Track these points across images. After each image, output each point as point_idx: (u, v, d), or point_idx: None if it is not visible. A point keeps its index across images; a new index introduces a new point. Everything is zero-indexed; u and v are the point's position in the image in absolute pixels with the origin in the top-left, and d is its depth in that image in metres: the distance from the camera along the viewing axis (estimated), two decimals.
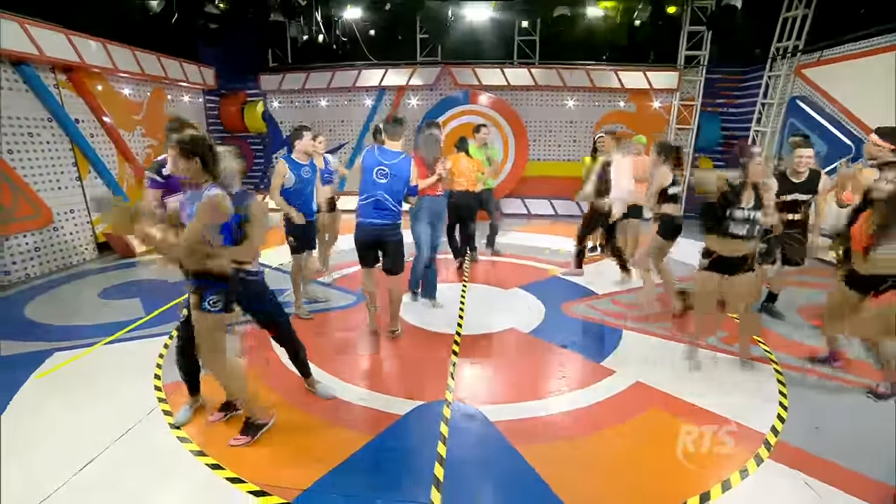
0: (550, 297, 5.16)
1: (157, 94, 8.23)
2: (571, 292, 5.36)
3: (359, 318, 4.69)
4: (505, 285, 5.55)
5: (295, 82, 10.04)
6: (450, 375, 3.60)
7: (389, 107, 10.16)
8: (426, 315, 4.69)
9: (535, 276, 5.92)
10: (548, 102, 9.90)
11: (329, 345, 4.14)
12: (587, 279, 5.79)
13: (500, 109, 9.65)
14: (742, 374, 3.67)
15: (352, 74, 9.86)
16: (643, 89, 9.47)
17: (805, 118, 7.56)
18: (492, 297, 5.23)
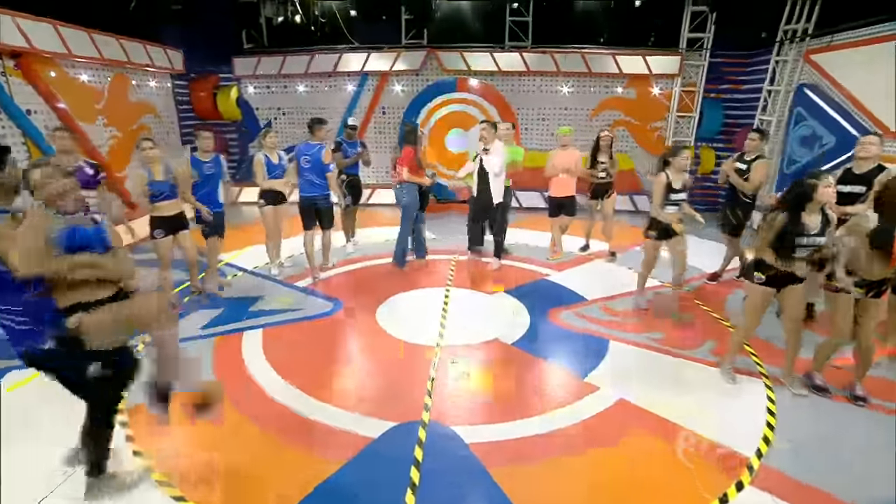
0: (537, 302, 5.19)
1: (119, 79, 8.11)
2: (559, 298, 5.39)
3: (335, 327, 4.72)
4: (489, 289, 5.60)
5: (271, 66, 9.96)
6: (427, 393, 3.64)
7: (373, 92, 10.12)
8: (404, 324, 4.73)
9: (520, 279, 5.93)
10: (541, 89, 9.89)
11: (300, 357, 4.16)
12: (578, 283, 5.83)
13: (490, 96, 9.65)
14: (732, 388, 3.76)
15: (332, 58, 9.80)
16: (643, 74, 9.48)
17: (812, 107, 7.57)
18: (476, 303, 5.26)
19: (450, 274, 6.08)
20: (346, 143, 6.68)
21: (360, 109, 10.19)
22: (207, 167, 5.19)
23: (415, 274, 6.11)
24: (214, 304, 5.12)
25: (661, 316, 4.91)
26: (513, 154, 6.05)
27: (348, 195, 6.66)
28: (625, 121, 9.74)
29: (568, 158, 6.28)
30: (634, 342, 4.43)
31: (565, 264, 6.47)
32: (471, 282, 5.86)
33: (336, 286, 5.69)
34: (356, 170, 6.85)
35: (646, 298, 5.22)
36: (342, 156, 6.56)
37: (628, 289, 5.57)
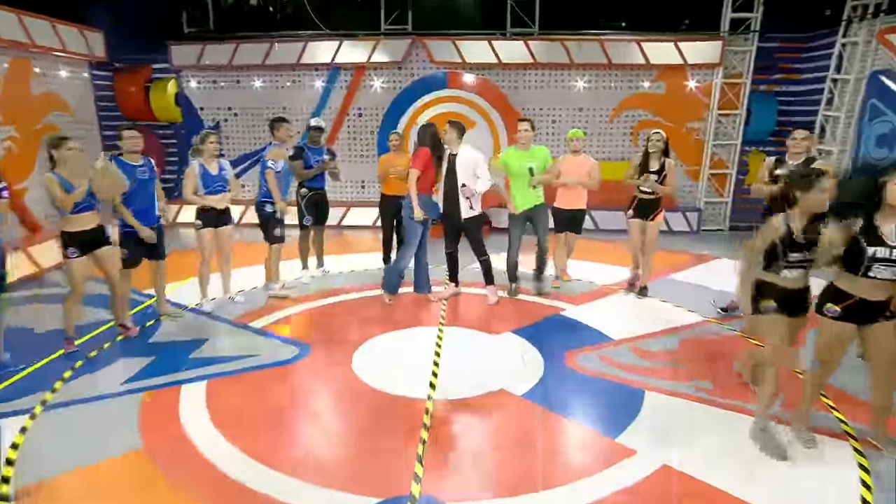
0: (551, 343, 5.18)
1: (18, 66, 7.98)
2: (578, 337, 5.39)
3: (301, 377, 4.65)
4: (493, 328, 5.58)
5: (219, 56, 10.03)
6: (417, 461, 3.52)
7: (345, 89, 10.19)
8: (388, 372, 4.65)
9: (530, 315, 5.95)
10: (550, 84, 10.02)
11: (255, 415, 4.05)
12: (600, 319, 5.79)
13: (488, 94, 9.73)
14: (810, 453, 3.64)
15: (296, 48, 9.89)
16: (675, 65, 9.63)
17: (890, 98, 7.54)
18: (475, 345, 5.25)
19: (442, 310, 6.09)
20: (310, 149, 6.69)
21: (329, 110, 10.26)
22: (141, 171, 5.20)
23: (399, 310, 6.11)
24: (143, 352, 5.03)
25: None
26: (536, 159, 6.11)
27: (308, 214, 6.71)
28: (653, 122, 9.84)
29: (578, 167, 6.35)
30: (676, 392, 4.37)
31: (583, 297, 6.51)
32: (468, 319, 5.86)
33: (301, 326, 5.65)
34: (321, 183, 6.86)
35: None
36: (302, 165, 6.58)
37: (664, 325, 5.52)
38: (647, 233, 6.24)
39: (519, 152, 6.17)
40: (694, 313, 5.95)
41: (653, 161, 6.06)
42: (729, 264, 5.89)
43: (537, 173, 6.08)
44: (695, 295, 6.47)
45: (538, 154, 6.17)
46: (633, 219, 6.29)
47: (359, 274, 7.31)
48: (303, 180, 6.65)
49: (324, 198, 6.90)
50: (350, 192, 10.63)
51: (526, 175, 6.08)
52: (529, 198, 6.21)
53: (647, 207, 6.18)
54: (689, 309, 6.06)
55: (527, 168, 6.05)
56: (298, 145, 6.68)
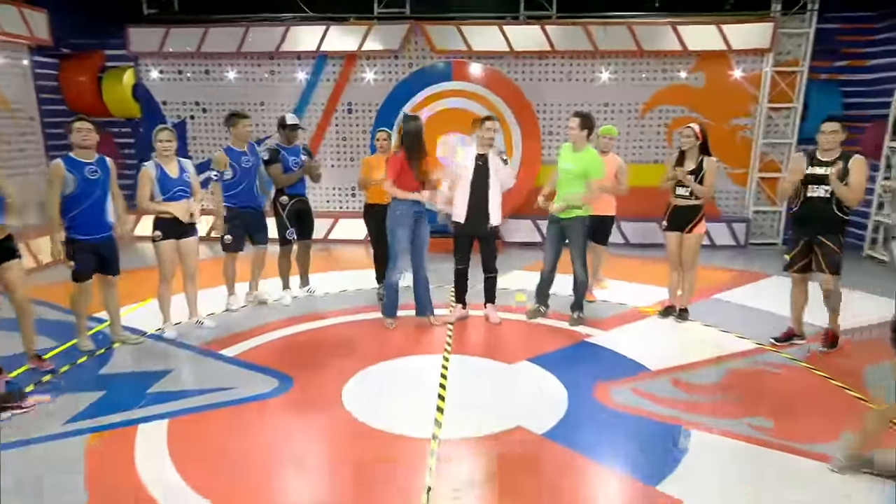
0: (577, 375, 5.19)
1: None
2: (609, 367, 5.40)
3: (282, 414, 4.60)
4: (507, 357, 5.58)
5: (186, 42, 10.10)
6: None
7: (333, 82, 10.25)
8: (384, 408, 4.61)
9: (552, 341, 5.99)
10: (570, 76, 10.08)
11: (227, 460, 4.00)
12: (634, 346, 5.78)
13: (500, 87, 9.76)
14: None
15: (275, 33, 9.96)
16: (717, 52, 9.68)
17: None
18: (487, 376, 5.25)
19: (447, 335, 6.12)
20: (285, 149, 6.72)
21: (315, 105, 10.34)
22: (90, 171, 5.22)
23: (396, 336, 6.12)
24: (92, 385, 4.98)
25: None
26: (580, 163, 6.09)
27: (291, 227, 6.80)
28: (691, 119, 9.76)
29: (607, 166, 6.41)
30: (729, 432, 4.31)
31: (612, 320, 6.54)
32: (477, 345, 5.90)
33: (282, 355, 5.63)
34: (302, 188, 6.90)
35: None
36: (281, 168, 6.63)
37: (710, 352, 5.50)
38: (684, 246, 6.25)
39: (569, 151, 6.21)
40: (745, 339, 5.93)
41: (688, 160, 6.09)
42: (784, 283, 5.86)
43: (575, 177, 6.06)
44: (744, 318, 6.47)
45: (587, 155, 6.09)
46: (668, 230, 6.30)
47: (349, 295, 7.33)
48: (282, 186, 6.70)
49: (307, 206, 6.95)
50: (338, 201, 10.65)
51: (565, 178, 6.13)
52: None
53: (683, 216, 6.17)
54: (738, 335, 6.04)
55: (562, 169, 6.15)
56: (272, 147, 6.71)
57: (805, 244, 5.49)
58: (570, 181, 6.08)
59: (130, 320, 6.24)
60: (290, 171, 6.64)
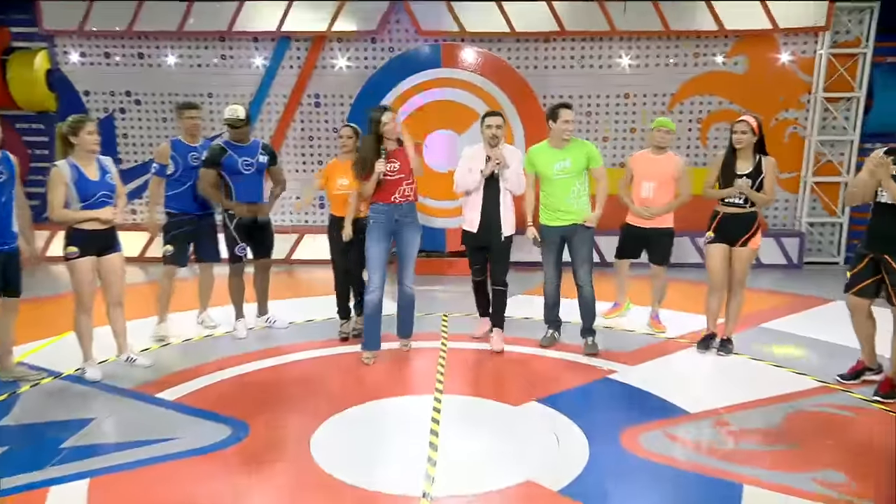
0: (599, 418, 5.19)
1: None
2: (638, 409, 5.41)
3: (235, 469, 4.50)
4: (512, 396, 5.58)
5: (113, 18, 10.06)
6: None
7: (297, 69, 10.25)
8: (362, 460, 4.56)
9: (566, 377, 6.03)
10: (583, 61, 10.14)
11: None
12: (667, 384, 5.76)
13: (498, 76, 9.76)
14: None
15: (226, 10, 9.99)
16: (761, 31, 9.75)
17: None
18: (488, 420, 5.23)
19: (439, 369, 6.12)
20: (235, 148, 6.66)
21: (275, 98, 10.37)
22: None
23: (376, 372, 6.15)
24: None
25: None
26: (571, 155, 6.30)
27: (243, 243, 6.77)
28: (730, 112, 9.92)
29: (660, 170, 6.59)
30: (791, 488, 4.24)
31: (641, 353, 6.58)
32: (475, 382, 5.98)
33: (236, 398, 5.57)
34: (257, 194, 6.84)
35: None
36: (215, 173, 6.58)
37: (761, 391, 5.49)
38: (734, 263, 6.21)
39: (548, 150, 6.34)
40: (804, 376, 5.89)
41: (741, 161, 6.03)
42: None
43: (572, 176, 6.23)
44: (801, 351, 6.49)
45: (577, 148, 6.26)
46: (713, 243, 6.24)
47: (317, 325, 7.32)
48: (210, 198, 6.72)
49: (266, 217, 6.93)
50: (303, 214, 10.65)
51: (558, 180, 6.26)
52: (564, 212, 6.31)
53: (735, 226, 6.11)
54: (795, 370, 6.02)
55: (556, 168, 6.23)
56: (218, 144, 6.67)
57: (871, 263, 5.44)
58: (570, 182, 6.21)
59: (41, 359, 6.18)
60: (237, 174, 6.59)
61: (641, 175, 6.80)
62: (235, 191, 6.65)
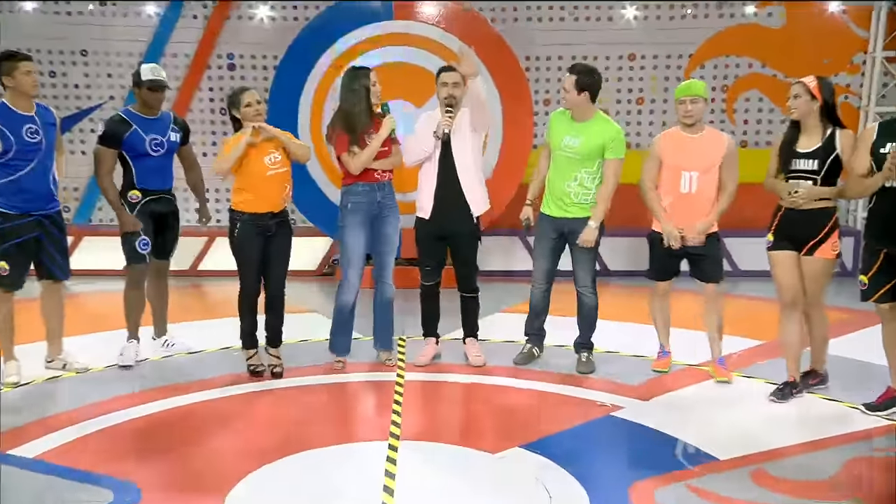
0: (601, 468, 5.20)
1: None
2: (652, 456, 5.36)
3: None
4: (490, 440, 5.57)
5: None
6: None
7: (203, 22, 10.26)
8: None
9: (559, 415, 6.05)
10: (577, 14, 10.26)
11: None
12: (688, 424, 5.80)
13: (468, 33, 9.76)
14: None
15: None
16: None
17: None
18: (458, 472, 5.18)
19: (394, 407, 6.05)
20: (140, 121, 6.66)
21: (174, 59, 10.40)
22: None
23: (315, 411, 6.17)
24: None
25: None
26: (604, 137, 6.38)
27: (145, 237, 6.74)
28: (762, 77, 10.07)
29: (699, 155, 6.30)
30: None
31: (653, 385, 6.66)
32: (443, 423, 6.01)
33: (123, 451, 5.49)
34: (165, 180, 6.89)
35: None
36: (114, 153, 6.59)
37: (811, 433, 5.52)
38: (806, 273, 6.07)
39: (565, 121, 6.49)
40: (867, 413, 5.90)
41: (806, 135, 5.91)
42: None
43: (578, 159, 6.31)
44: (862, 380, 6.48)
45: (597, 126, 6.35)
46: (775, 249, 6.13)
47: (235, 354, 7.23)
48: (104, 186, 6.67)
49: (172, 209, 6.99)
50: (214, 210, 10.40)
51: (561, 157, 6.42)
52: (562, 200, 6.41)
53: (798, 226, 5.99)
54: (851, 404, 6.04)
55: (564, 143, 6.36)
56: (118, 115, 6.68)
57: (887, 259, 5.54)
58: (574, 165, 6.25)
59: None
60: (143, 156, 6.59)
61: (675, 162, 6.37)
62: (137, 177, 6.64)
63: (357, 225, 6.48)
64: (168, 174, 6.87)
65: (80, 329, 7.36)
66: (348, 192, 6.49)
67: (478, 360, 6.76)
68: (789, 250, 6.00)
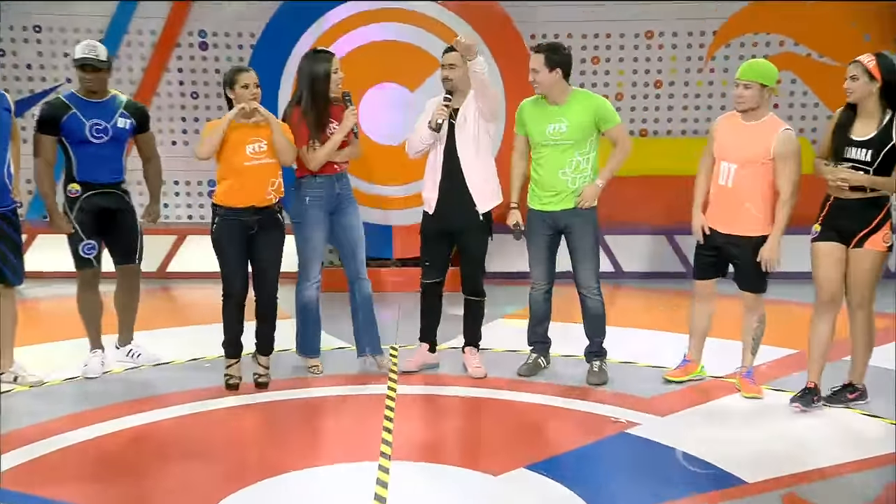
0: (613, 492, 5.15)
1: None
2: (672, 478, 5.38)
3: None
4: (492, 460, 5.55)
5: None
6: None
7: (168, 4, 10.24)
8: None
9: (567, 433, 6.06)
10: None
11: None
12: (712, 442, 5.74)
13: (467, 7, 9.89)
14: None
15: None
16: None
17: None
18: (456, 496, 5.15)
19: (386, 424, 6.03)
20: (83, 105, 6.66)
21: (138, 37, 10.41)
22: None
23: (299, 429, 6.13)
24: None
25: None
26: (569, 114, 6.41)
27: (90, 240, 6.73)
28: (797, 57, 10.10)
29: (750, 140, 6.19)
30: None
31: (672, 398, 6.64)
32: (439, 441, 5.96)
33: (80, 474, 5.45)
34: (115, 173, 6.85)
35: None
36: (54, 140, 6.59)
37: (854, 452, 5.48)
38: (849, 271, 6.06)
39: (542, 105, 6.48)
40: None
41: (862, 120, 5.89)
42: None
43: (570, 145, 6.35)
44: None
45: (578, 104, 6.38)
46: (820, 240, 6.11)
47: (208, 366, 7.26)
48: (42, 180, 6.68)
49: (122, 205, 6.92)
50: (186, 206, 10.73)
51: (549, 148, 6.42)
52: (556, 193, 6.42)
53: (848, 216, 5.97)
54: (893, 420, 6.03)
55: (549, 131, 6.36)
56: (56, 100, 6.69)
57: None
58: (566, 152, 6.32)
59: None
60: (83, 143, 6.57)
61: (719, 150, 6.33)
62: (78, 168, 6.62)
63: (317, 218, 6.65)
64: (116, 165, 6.80)
65: (34, 338, 7.35)
66: (305, 184, 6.66)
67: (478, 371, 6.80)
68: (836, 242, 5.98)
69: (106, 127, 6.60)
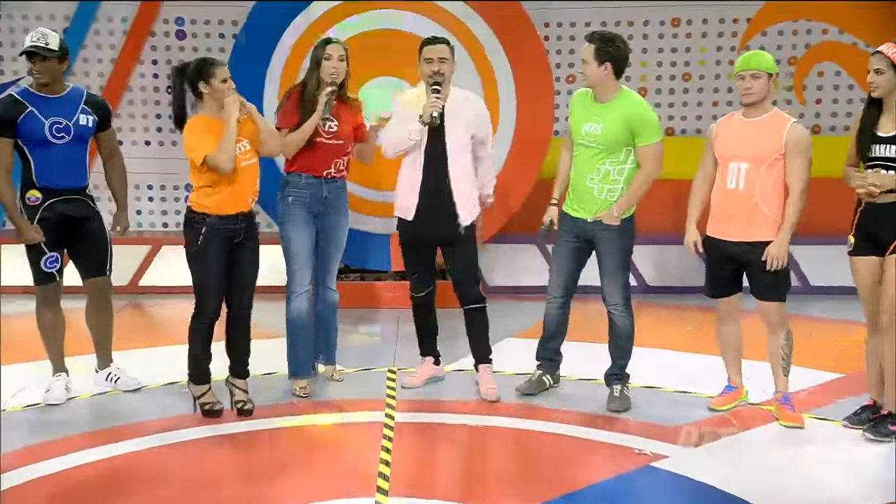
0: None
1: None
2: None
3: None
4: (501, 500, 5.55)
5: None
6: None
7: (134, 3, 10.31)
8: None
9: (587, 466, 6.01)
10: None
11: None
12: (748, 477, 5.70)
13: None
14: None
15: None
16: None
17: None
18: None
19: (383, 456, 6.00)
20: (39, 101, 6.67)
21: (107, 25, 10.46)
22: None
23: (285, 461, 6.10)
24: None
25: None
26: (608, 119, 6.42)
27: (53, 252, 6.77)
28: (842, 46, 10.14)
29: (759, 138, 6.22)
30: None
31: (704, 427, 6.61)
32: (440, 473, 6.06)
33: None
34: (78, 178, 6.86)
35: None
36: (11, 143, 6.59)
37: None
38: (885, 277, 6.05)
39: (588, 100, 6.59)
40: None
41: (887, 117, 5.93)
42: None
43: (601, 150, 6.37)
44: None
45: (620, 107, 6.38)
46: (856, 255, 6.16)
47: (180, 390, 7.22)
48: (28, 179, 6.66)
49: (88, 212, 6.93)
50: (160, 213, 10.74)
51: (582, 148, 6.49)
52: (584, 199, 6.45)
53: (880, 223, 6.00)
54: None
55: (584, 130, 6.43)
56: (7, 97, 6.75)
57: None
58: (596, 156, 6.33)
59: None
60: (43, 144, 6.56)
61: (725, 150, 6.36)
62: (38, 172, 6.60)
63: (300, 218, 6.81)
64: (79, 169, 6.78)
65: None
66: (290, 182, 6.85)
67: (491, 393, 6.81)
68: (872, 255, 6.01)
69: (67, 125, 6.59)
